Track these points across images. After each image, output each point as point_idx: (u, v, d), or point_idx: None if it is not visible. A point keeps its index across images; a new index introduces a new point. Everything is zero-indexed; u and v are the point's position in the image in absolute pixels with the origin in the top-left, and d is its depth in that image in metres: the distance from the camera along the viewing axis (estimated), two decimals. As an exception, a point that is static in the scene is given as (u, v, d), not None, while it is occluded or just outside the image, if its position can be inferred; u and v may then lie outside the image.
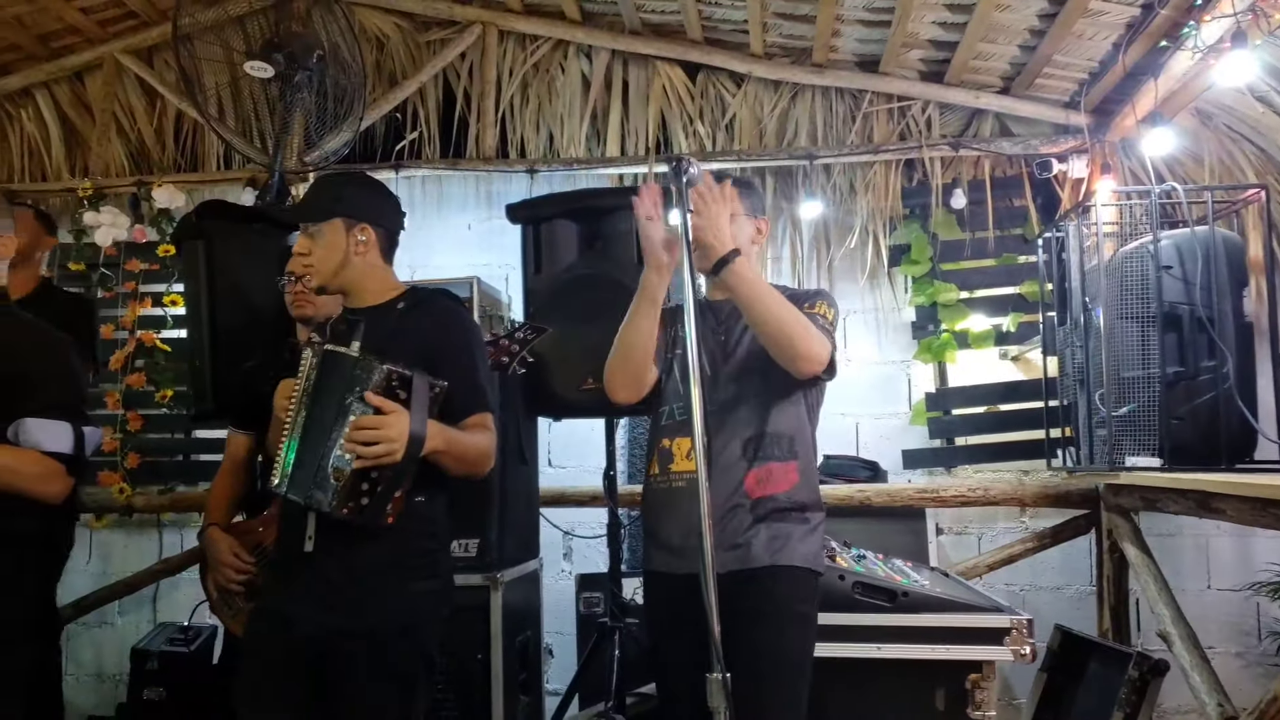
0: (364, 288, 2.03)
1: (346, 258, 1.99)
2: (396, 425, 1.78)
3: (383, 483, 1.81)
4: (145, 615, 4.33)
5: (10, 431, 2.02)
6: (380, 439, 1.77)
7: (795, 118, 4.07)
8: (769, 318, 1.97)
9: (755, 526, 2.01)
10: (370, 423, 1.78)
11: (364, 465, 1.79)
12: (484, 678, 2.87)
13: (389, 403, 1.80)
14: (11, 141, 4.60)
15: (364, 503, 1.81)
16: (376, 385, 1.80)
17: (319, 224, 1.98)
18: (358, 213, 2.01)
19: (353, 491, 1.80)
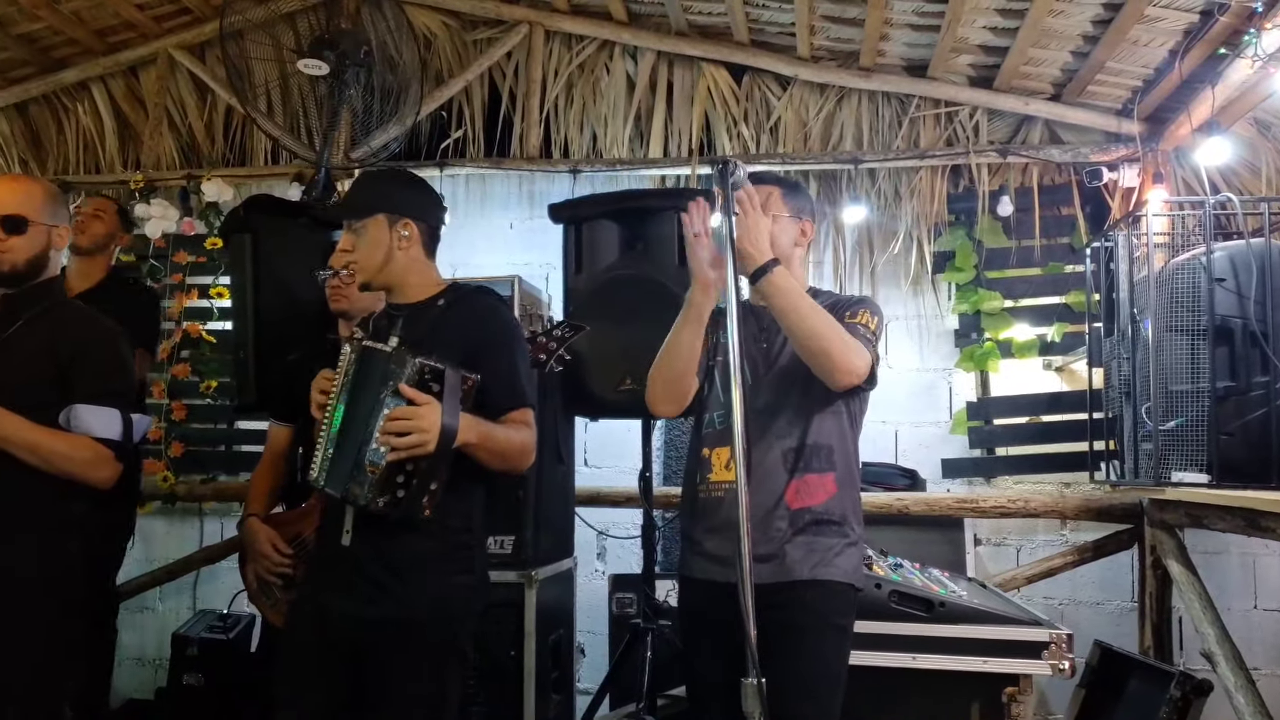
0: (407, 283, 2.04)
1: (390, 253, 2.01)
2: (428, 416, 1.80)
3: (417, 475, 1.83)
4: (185, 601, 4.40)
5: (62, 417, 2.07)
6: (412, 429, 1.79)
7: (841, 121, 4.04)
8: (805, 329, 1.95)
9: (793, 538, 1.98)
10: (402, 414, 1.80)
11: (398, 458, 1.80)
12: (516, 675, 2.88)
13: (421, 395, 1.81)
14: (68, 134, 4.70)
15: (399, 495, 1.83)
16: (409, 378, 1.82)
17: (362, 220, 2.00)
18: (400, 208, 2.02)
19: (388, 484, 1.82)
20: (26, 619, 2.02)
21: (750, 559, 1.69)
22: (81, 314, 2.23)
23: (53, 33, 4.31)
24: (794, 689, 1.88)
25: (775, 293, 1.94)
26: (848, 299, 2.16)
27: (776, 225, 2.09)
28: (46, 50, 4.44)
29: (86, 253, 3.32)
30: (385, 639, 1.90)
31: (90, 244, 3.30)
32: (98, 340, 2.17)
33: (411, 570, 1.92)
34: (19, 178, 2.26)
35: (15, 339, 2.10)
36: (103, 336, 2.19)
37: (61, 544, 2.11)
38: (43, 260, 2.17)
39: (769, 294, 1.94)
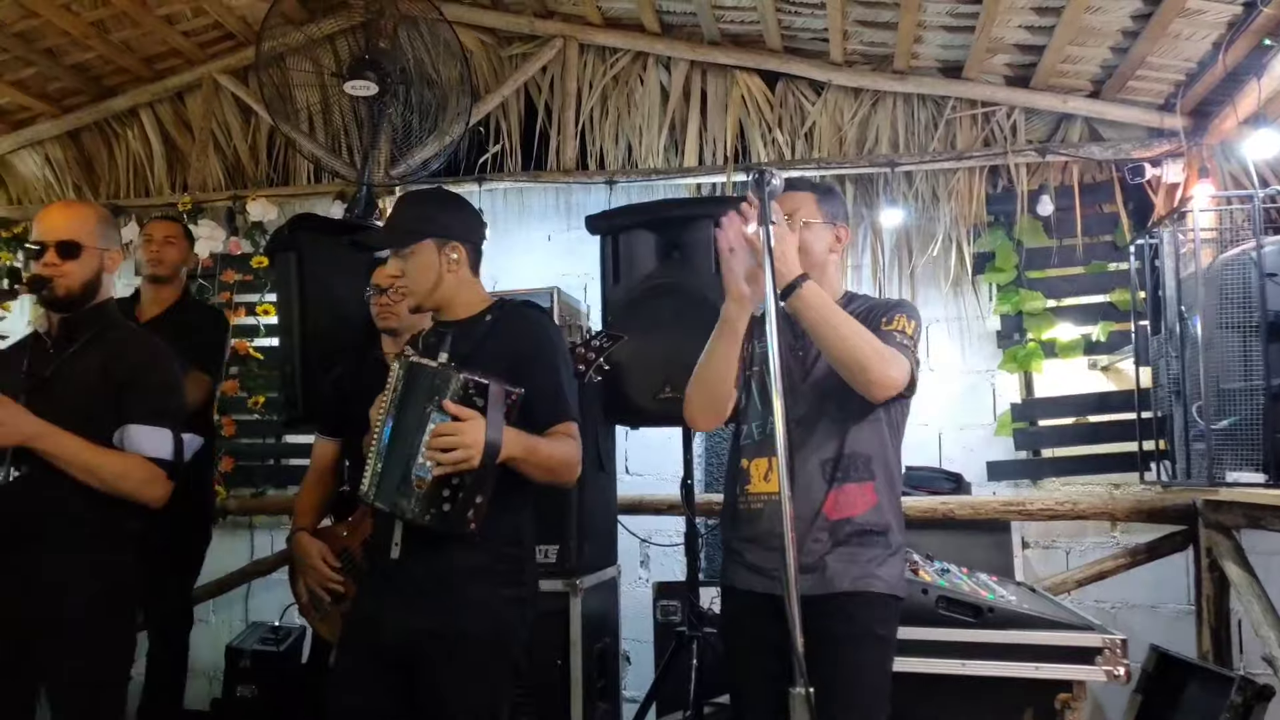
0: (456, 302, 2.10)
1: (440, 276, 2.06)
2: (472, 432, 1.82)
3: (463, 490, 1.85)
4: (237, 614, 4.48)
5: (116, 437, 2.12)
6: (457, 445, 1.81)
7: (876, 125, 4.02)
8: (838, 343, 1.93)
9: (834, 549, 1.97)
10: (447, 429, 1.82)
11: (443, 472, 1.83)
12: (563, 683, 2.90)
13: (465, 410, 1.84)
14: (118, 159, 4.84)
15: (445, 510, 1.85)
16: (454, 394, 1.85)
17: (410, 246, 2.04)
18: (447, 231, 2.07)
19: (434, 499, 1.84)
20: (86, 632, 2.07)
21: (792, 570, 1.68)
22: (134, 336, 2.29)
23: (103, 62, 4.45)
24: (837, 700, 1.87)
25: (805, 308, 1.93)
26: (884, 303, 2.15)
27: (810, 232, 2.09)
28: (97, 79, 4.58)
29: (164, 280, 3.37)
30: (435, 650, 1.92)
31: (169, 272, 3.35)
32: (150, 362, 2.22)
33: (460, 583, 1.95)
34: (72, 203, 2.33)
35: (71, 362, 2.16)
36: (154, 359, 2.24)
37: (117, 560, 2.16)
38: (96, 284, 2.22)
39: (799, 310, 1.94)
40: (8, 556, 2.04)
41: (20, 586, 2.04)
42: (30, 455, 2.04)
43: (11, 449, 2.03)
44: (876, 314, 2.08)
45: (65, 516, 2.07)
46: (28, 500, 2.05)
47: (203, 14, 4.28)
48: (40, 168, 4.88)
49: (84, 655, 2.06)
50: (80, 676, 2.07)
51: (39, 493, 2.05)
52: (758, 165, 1.88)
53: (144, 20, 4.18)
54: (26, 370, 2.16)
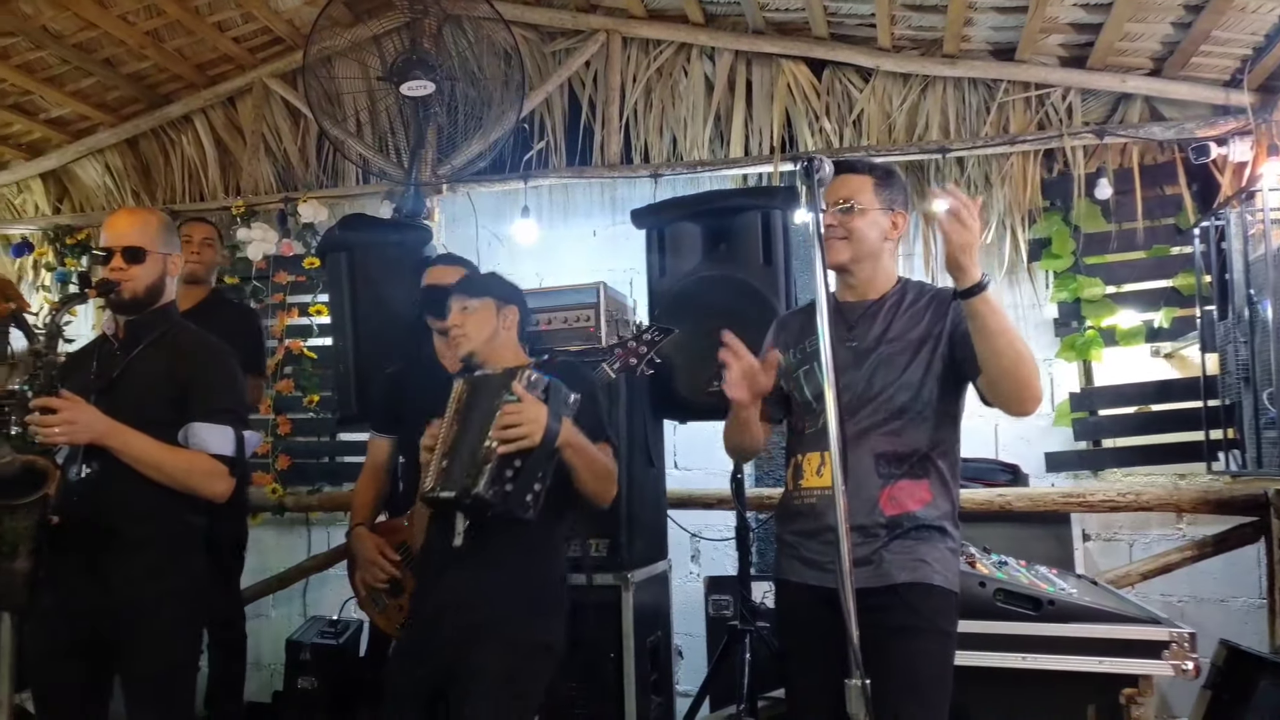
0: (501, 359, 2.28)
1: (495, 331, 2.29)
2: (534, 410, 2.00)
3: (524, 472, 1.99)
4: (296, 608, 4.57)
5: (180, 435, 2.19)
6: (521, 421, 1.98)
7: (926, 110, 3.95)
8: (1010, 356, 1.84)
9: (889, 543, 1.95)
10: (512, 409, 2.00)
11: (507, 450, 1.98)
12: (616, 677, 2.90)
13: (529, 395, 2.01)
14: (174, 165, 4.94)
15: (508, 489, 1.98)
16: (520, 382, 2.04)
17: (475, 299, 2.29)
18: (507, 298, 2.34)
19: (498, 476, 1.99)
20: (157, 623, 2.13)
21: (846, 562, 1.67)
22: (196, 337, 2.34)
23: (158, 70, 4.55)
24: (899, 691, 1.85)
25: (990, 312, 1.83)
26: (943, 293, 2.10)
27: (864, 219, 2.06)
28: (153, 87, 4.69)
29: (200, 280, 3.46)
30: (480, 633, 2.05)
31: (208, 273, 3.45)
32: (212, 362, 2.28)
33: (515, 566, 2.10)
34: (137, 210, 2.39)
35: (137, 363, 2.22)
36: (216, 358, 2.30)
37: (185, 554, 2.22)
38: (159, 287, 2.29)
39: (983, 313, 1.83)
40: (81, 551, 2.10)
41: (94, 580, 2.10)
42: (101, 453, 2.10)
43: (83, 447, 2.10)
44: (939, 304, 2.03)
45: (135, 512, 2.13)
46: (99, 496, 2.11)
47: (252, 20, 4.35)
48: (100, 175, 5.01)
49: (155, 645, 2.13)
50: (152, 666, 2.14)
51: (110, 489, 2.11)
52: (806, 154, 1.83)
53: (197, 28, 4.26)
54: (95, 372, 2.23)
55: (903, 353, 2.03)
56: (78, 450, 2.12)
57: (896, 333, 2.05)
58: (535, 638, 2.10)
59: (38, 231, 5.08)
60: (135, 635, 2.12)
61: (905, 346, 2.03)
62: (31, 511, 2.02)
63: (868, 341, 2.04)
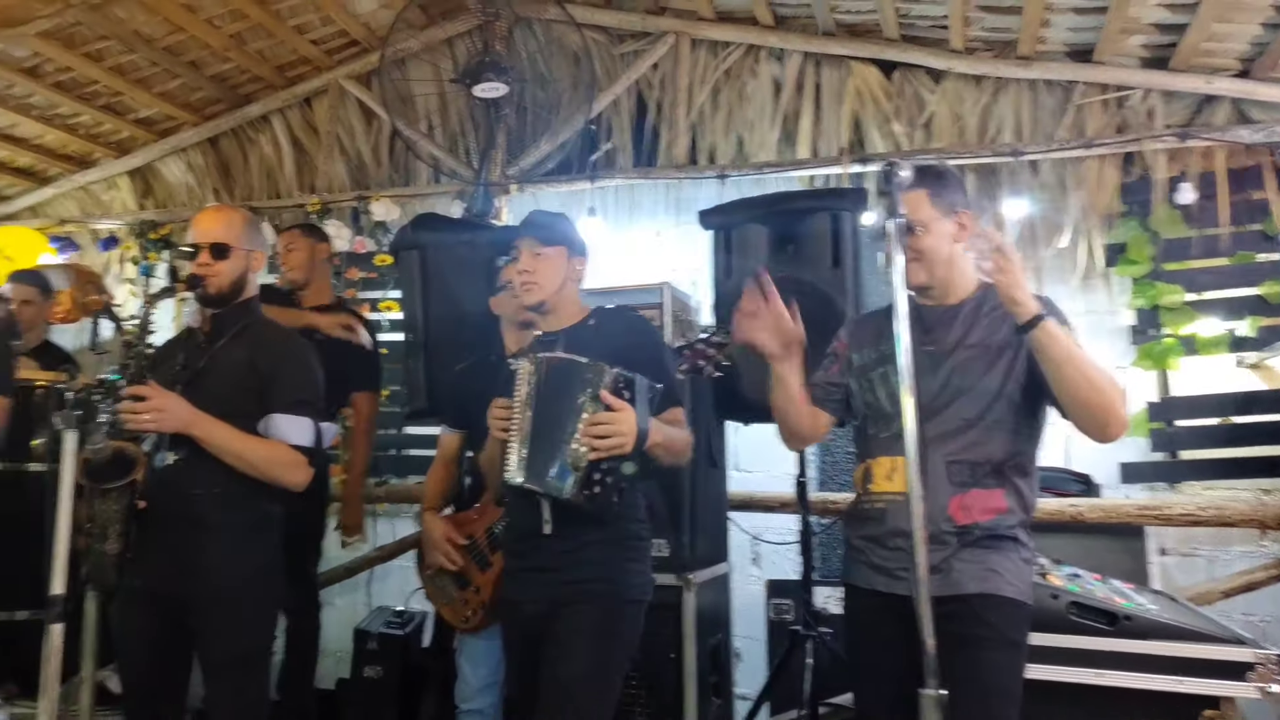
0: (564, 310, 2.27)
1: (565, 281, 2.25)
2: (627, 421, 2.00)
3: (612, 474, 2.02)
4: (361, 598, 4.65)
5: (261, 426, 2.25)
6: (613, 432, 1.99)
7: (998, 113, 3.88)
8: (1083, 386, 1.81)
9: (960, 552, 1.92)
10: (604, 418, 2.00)
11: (598, 457, 1.99)
12: (676, 677, 2.91)
13: (619, 401, 2.01)
14: (252, 164, 5.10)
15: (596, 491, 2.01)
16: (607, 385, 2.01)
17: (547, 247, 2.22)
18: (577, 247, 2.30)
19: (587, 481, 2.00)
20: (236, 607, 2.21)
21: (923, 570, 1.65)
22: (277, 331, 2.41)
23: (239, 71, 4.69)
24: (965, 703, 1.81)
25: (1052, 342, 1.82)
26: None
27: (931, 235, 2.00)
28: (234, 88, 4.83)
29: (304, 285, 3.52)
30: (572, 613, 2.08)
31: (302, 275, 3.49)
32: (292, 355, 2.35)
33: (601, 555, 2.12)
34: (222, 208, 2.46)
35: (221, 355, 2.30)
36: (296, 352, 2.37)
37: (262, 542, 2.29)
38: (243, 282, 2.36)
39: (1045, 344, 1.82)
40: (166, 536, 2.17)
41: (177, 564, 2.18)
42: (185, 442, 2.18)
43: (169, 435, 2.18)
44: None
45: (217, 499, 2.20)
46: (184, 484, 2.19)
47: (330, 22, 4.46)
48: (183, 173, 5.19)
49: (234, 629, 2.20)
50: (231, 649, 2.21)
51: (194, 477, 2.19)
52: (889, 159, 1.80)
53: (277, 31, 4.39)
54: (182, 363, 2.30)
55: (981, 359, 1.98)
56: (164, 438, 2.20)
57: (976, 339, 2.01)
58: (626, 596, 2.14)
59: (124, 226, 5.27)
60: (213, 619, 2.19)
61: (984, 353, 1.99)
62: (121, 496, 2.11)
63: (945, 346, 2.01)
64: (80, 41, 4.19)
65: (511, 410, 2.10)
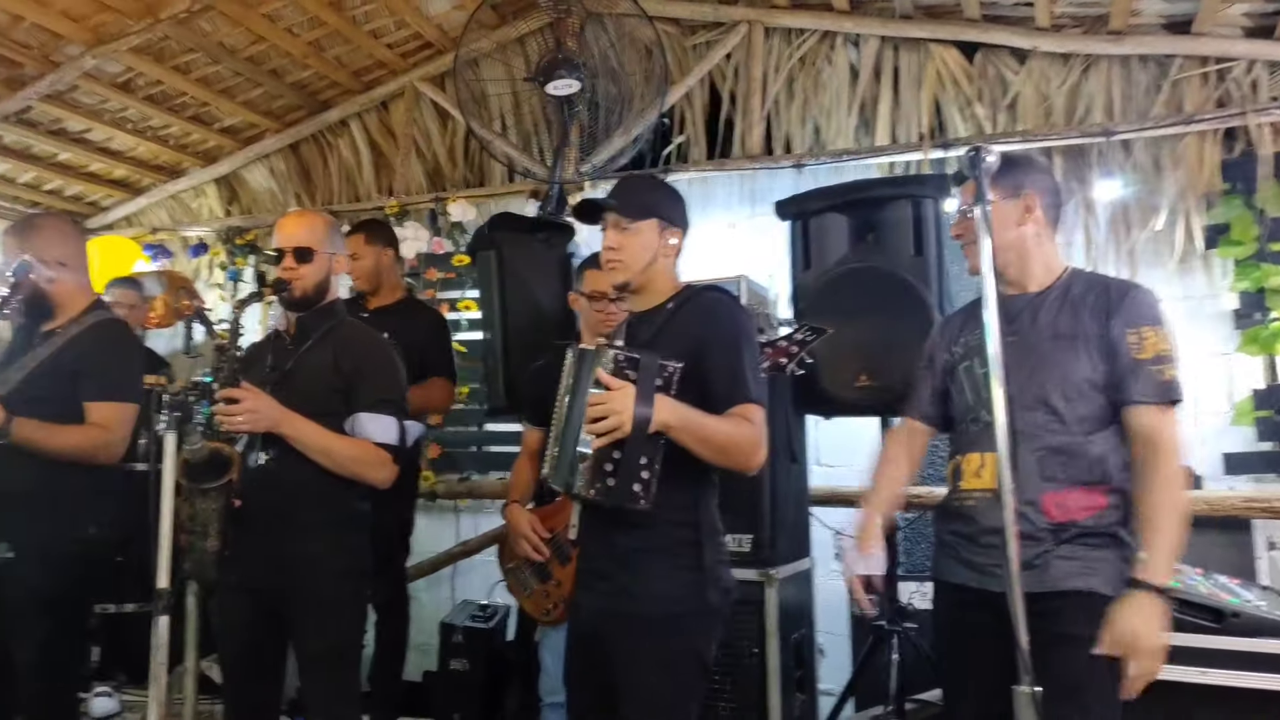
0: (655, 289, 2.06)
1: (655, 258, 2.03)
2: (619, 400, 1.79)
3: (622, 464, 1.82)
4: (444, 592, 4.73)
5: (347, 424, 2.30)
6: (606, 412, 1.79)
7: (1088, 92, 3.73)
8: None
9: (1056, 549, 1.86)
10: (596, 398, 1.82)
11: (602, 444, 1.81)
12: (759, 673, 2.89)
13: (615, 380, 1.82)
14: (331, 168, 5.22)
15: (610, 484, 1.83)
16: (605, 366, 1.85)
17: (636, 221, 2.02)
18: (673, 219, 2.07)
19: (597, 473, 1.84)
20: (328, 601, 2.27)
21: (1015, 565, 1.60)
22: (360, 332, 2.46)
23: (319, 78, 4.80)
24: (1060, 702, 1.75)
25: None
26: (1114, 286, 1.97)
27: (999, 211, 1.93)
28: (314, 94, 4.95)
29: (373, 291, 3.59)
30: (619, 632, 1.93)
31: (369, 284, 3.56)
32: (376, 355, 2.39)
33: (636, 564, 1.93)
34: (305, 212, 2.52)
35: (307, 356, 2.36)
36: (379, 352, 2.41)
37: (352, 538, 2.35)
38: (326, 285, 2.41)
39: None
40: (260, 533, 2.24)
41: (271, 560, 2.24)
42: (277, 441, 2.24)
43: (261, 435, 2.24)
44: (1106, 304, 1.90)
45: (308, 497, 2.26)
46: (275, 482, 2.25)
47: (404, 26, 4.53)
48: (266, 179, 5.34)
49: (326, 623, 2.26)
50: (323, 642, 2.26)
51: (286, 476, 2.25)
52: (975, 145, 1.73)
53: (354, 36, 4.48)
54: (270, 365, 2.37)
55: (1067, 349, 1.92)
56: (256, 438, 2.26)
57: (1062, 327, 1.94)
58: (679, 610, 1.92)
59: (211, 233, 5.45)
60: (306, 613, 2.25)
61: (1070, 342, 1.92)
62: (219, 495, 2.19)
63: (1028, 336, 1.94)
64: (169, 55, 4.34)
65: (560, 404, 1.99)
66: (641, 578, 1.92)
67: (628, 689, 1.91)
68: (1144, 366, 1.85)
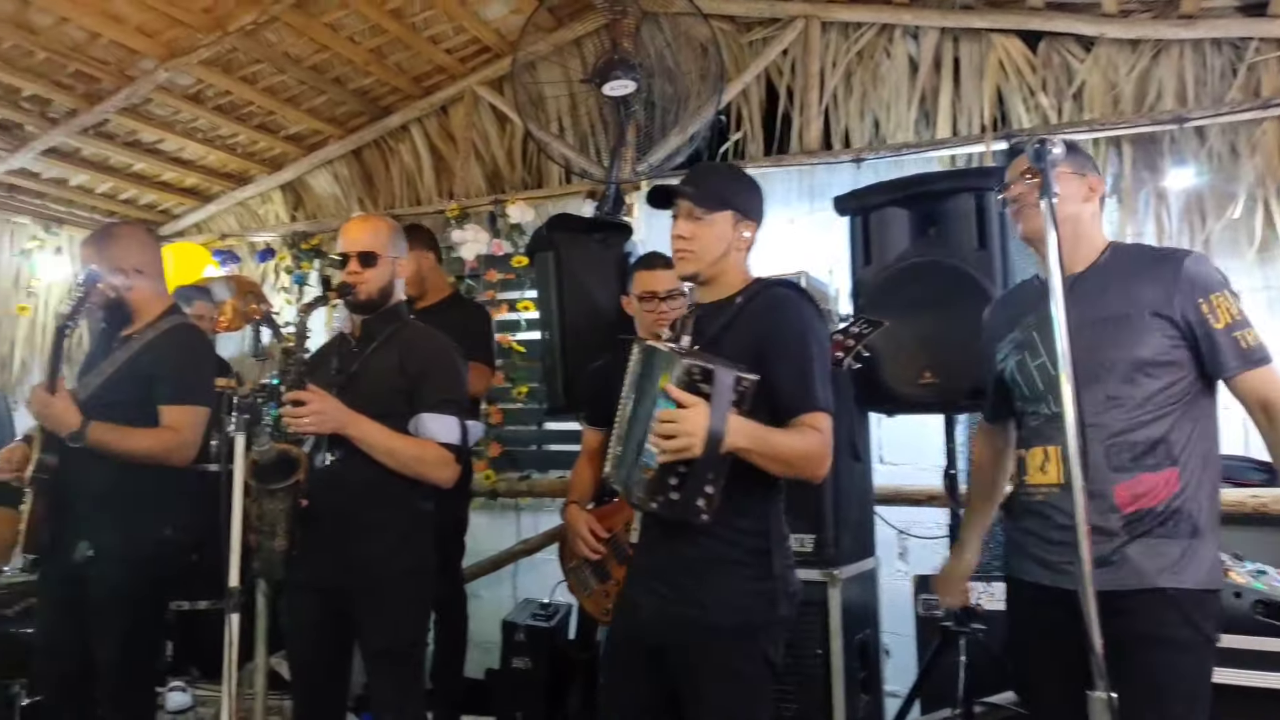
0: (726, 282, 2.00)
1: (728, 250, 1.97)
2: (693, 420, 1.70)
3: (690, 478, 1.75)
4: (506, 590, 4.78)
5: (410, 425, 2.34)
6: (678, 432, 1.71)
7: (1158, 78, 3.62)
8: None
9: (1131, 542, 1.80)
10: (669, 416, 1.73)
11: (667, 459, 1.73)
12: (823, 674, 2.86)
13: (689, 396, 1.72)
14: (393, 173, 5.31)
15: (673, 497, 1.76)
16: (678, 379, 1.74)
17: (711, 213, 1.95)
18: (748, 211, 2.00)
19: (660, 485, 1.76)
20: (393, 600, 2.31)
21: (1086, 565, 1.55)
22: (423, 334, 2.50)
23: (380, 84, 4.89)
24: (1145, 706, 1.70)
25: None
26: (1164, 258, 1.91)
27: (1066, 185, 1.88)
28: (375, 100, 5.04)
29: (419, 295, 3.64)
30: (685, 640, 1.89)
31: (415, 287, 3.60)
32: (438, 357, 2.43)
33: (703, 574, 1.88)
34: (369, 217, 2.56)
35: (372, 359, 2.40)
36: (442, 353, 2.45)
37: (416, 537, 2.38)
38: (390, 289, 2.45)
39: None
40: (327, 533, 2.29)
41: (337, 559, 2.29)
42: (343, 443, 2.28)
43: (327, 437, 2.29)
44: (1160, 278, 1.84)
45: (374, 497, 2.30)
46: (342, 483, 2.30)
47: (463, 31, 4.58)
48: (330, 185, 5.45)
49: (390, 621, 2.30)
50: (388, 639, 2.31)
51: (351, 476, 2.30)
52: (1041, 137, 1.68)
53: (414, 43, 4.55)
54: (336, 368, 2.42)
55: (1123, 329, 1.85)
56: (323, 440, 2.31)
57: (1114, 306, 1.88)
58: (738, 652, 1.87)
59: (278, 238, 5.58)
60: (371, 611, 2.29)
61: (1124, 320, 1.86)
62: (287, 495, 2.24)
63: (1082, 318, 1.82)
64: (237, 67, 4.46)
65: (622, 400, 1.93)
66: (712, 587, 1.87)
67: (697, 698, 1.88)
68: (1224, 336, 1.82)
